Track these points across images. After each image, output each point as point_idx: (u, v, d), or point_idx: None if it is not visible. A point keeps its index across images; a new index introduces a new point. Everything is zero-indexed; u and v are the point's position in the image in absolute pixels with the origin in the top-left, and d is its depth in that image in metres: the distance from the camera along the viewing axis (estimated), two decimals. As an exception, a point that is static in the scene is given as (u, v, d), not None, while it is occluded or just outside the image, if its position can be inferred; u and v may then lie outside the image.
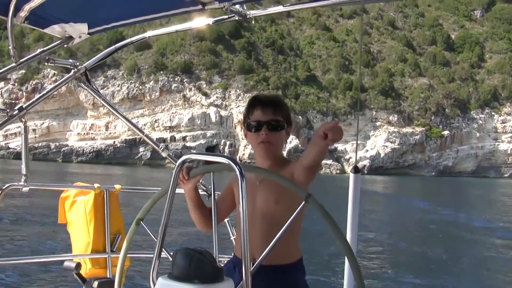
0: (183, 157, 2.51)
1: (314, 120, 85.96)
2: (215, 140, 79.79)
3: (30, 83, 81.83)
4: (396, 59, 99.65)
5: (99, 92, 4.51)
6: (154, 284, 2.39)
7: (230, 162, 2.35)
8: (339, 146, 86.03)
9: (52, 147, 77.15)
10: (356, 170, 3.60)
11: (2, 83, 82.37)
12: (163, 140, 78.36)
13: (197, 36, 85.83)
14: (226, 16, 3.89)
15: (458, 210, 36.50)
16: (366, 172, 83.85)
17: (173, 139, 78.90)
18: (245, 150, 79.77)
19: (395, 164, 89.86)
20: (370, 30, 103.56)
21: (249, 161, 79.19)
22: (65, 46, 4.02)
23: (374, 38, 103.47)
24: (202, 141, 78.82)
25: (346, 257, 2.45)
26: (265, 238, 2.91)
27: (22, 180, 4.08)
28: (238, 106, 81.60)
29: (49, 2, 3.22)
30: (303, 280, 3.08)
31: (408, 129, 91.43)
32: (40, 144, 77.68)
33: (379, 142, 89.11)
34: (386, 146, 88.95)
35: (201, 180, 3.51)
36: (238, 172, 2.29)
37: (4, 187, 4.10)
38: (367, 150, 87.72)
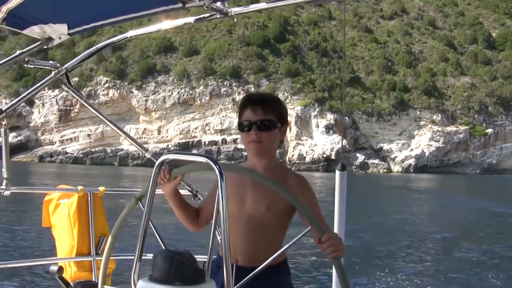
0: (162, 157, 2.50)
1: (360, 121, 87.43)
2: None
3: (84, 90, 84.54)
4: (437, 59, 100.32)
5: (80, 93, 4.49)
6: (136, 287, 2.35)
7: (209, 162, 2.34)
8: (385, 146, 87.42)
9: (108, 151, 79.85)
10: (342, 168, 3.77)
11: (57, 90, 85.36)
12: (215, 143, 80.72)
13: (244, 41, 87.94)
14: (207, 14, 3.90)
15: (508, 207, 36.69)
16: (412, 170, 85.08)
17: (224, 141, 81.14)
18: (294, 151, 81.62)
19: (440, 163, 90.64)
20: (411, 31, 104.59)
21: (298, 162, 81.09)
22: (44, 47, 3.96)
23: (415, 38, 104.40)
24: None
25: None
26: (249, 241, 2.96)
27: (3, 184, 4.05)
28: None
29: (27, 2, 3.16)
30: (288, 281, 3.07)
31: (451, 128, 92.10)
32: (96, 149, 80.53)
33: (424, 141, 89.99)
34: (431, 145, 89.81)
35: (185, 181, 3.25)
36: (217, 172, 2.28)
37: None
38: (412, 149, 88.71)
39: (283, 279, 3.02)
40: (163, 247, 2.58)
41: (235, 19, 3.97)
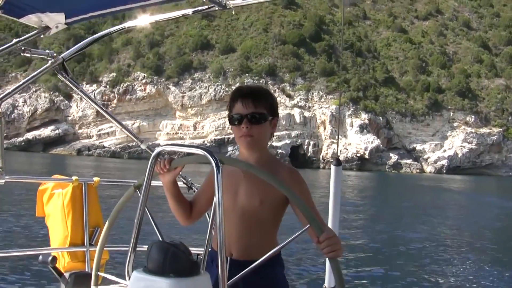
0: (158, 149, 2.52)
1: (393, 121, 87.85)
2: (299, 140, 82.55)
3: (121, 85, 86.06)
4: (472, 60, 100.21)
5: (77, 83, 4.45)
6: (130, 278, 2.35)
7: (206, 154, 2.34)
8: (418, 146, 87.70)
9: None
10: (337, 162, 3.80)
11: (95, 85, 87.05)
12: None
13: (279, 40, 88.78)
14: (205, 6, 3.93)
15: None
16: (444, 171, 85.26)
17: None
18: (328, 149, 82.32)
19: (472, 164, 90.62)
20: (445, 31, 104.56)
21: (332, 160, 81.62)
22: (41, 36, 3.93)
23: (449, 39, 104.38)
24: (287, 141, 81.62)
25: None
26: (243, 234, 2.95)
27: None
28: (321, 107, 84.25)
29: None
30: (281, 274, 3.06)
31: (485, 130, 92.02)
32: (133, 143, 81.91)
33: (457, 142, 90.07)
34: (464, 147, 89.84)
35: (181, 173, 3.44)
36: (214, 164, 2.28)
37: None
38: (445, 150, 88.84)
39: (276, 272, 3.01)
40: (160, 238, 2.61)
41: (233, 12, 3.94)
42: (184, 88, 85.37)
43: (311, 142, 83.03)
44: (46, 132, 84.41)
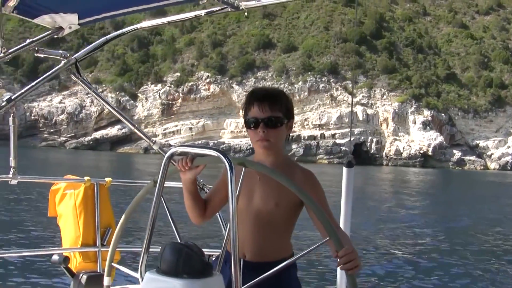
0: (171, 150, 2.50)
1: (456, 118, 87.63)
2: (362, 137, 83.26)
3: (186, 85, 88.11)
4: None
5: (89, 84, 4.45)
6: (142, 279, 2.35)
7: (219, 155, 2.34)
8: (481, 143, 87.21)
9: (210, 145, 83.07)
10: (349, 164, 3.77)
11: (160, 85, 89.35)
12: (313, 137, 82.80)
13: (340, 38, 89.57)
14: (218, 8, 3.91)
15: None
16: (509, 168, 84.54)
17: (322, 136, 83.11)
18: (391, 146, 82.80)
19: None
20: (507, 26, 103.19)
21: (395, 157, 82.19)
22: (55, 37, 3.94)
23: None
24: (350, 138, 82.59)
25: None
26: (257, 236, 2.93)
27: (11, 172, 4.06)
28: (384, 104, 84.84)
29: None
30: (295, 275, 3.05)
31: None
32: (199, 142, 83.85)
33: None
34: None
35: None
36: (227, 166, 2.27)
37: None
38: (509, 147, 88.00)
39: (290, 274, 2.99)
40: (178, 238, 2.62)
41: (245, 13, 3.92)
42: (247, 86, 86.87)
43: (374, 139, 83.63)
44: (113, 131, 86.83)
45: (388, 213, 25.51)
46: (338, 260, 2.41)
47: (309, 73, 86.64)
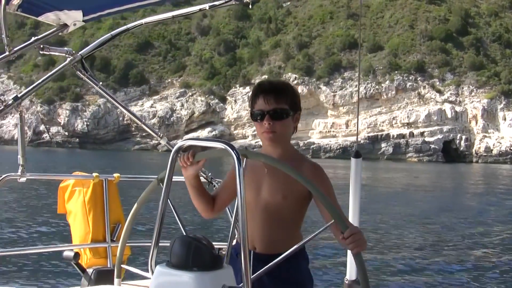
0: (179, 144, 2.52)
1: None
2: (451, 135, 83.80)
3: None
4: None
5: (96, 80, 4.40)
6: (153, 273, 2.37)
7: (227, 147, 2.34)
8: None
9: (301, 145, 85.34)
10: (357, 155, 3.69)
11: (248, 87, 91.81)
12: (402, 136, 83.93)
13: (426, 36, 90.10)
14: (223, 1, 3.91)
15: None
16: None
17: (411, 134, 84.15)
18: (480, 143, 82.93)
19: None
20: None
21: (485, 154, 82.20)
22: (60, 34, 3.94)
23: None
24: (440, 136, 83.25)
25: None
26: (266, 228, 2.95)
27: (19, 170, 4.07)
28: (472, 102, 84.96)
29: None
30: (306, 267, 3.06)
31: None
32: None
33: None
34: None
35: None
36: (235, 158, 2.27)
37: (0, 178, 4.07)
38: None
39: (301, 265, 3.01)
40: (184, 232, 2.60)
41: (250, 6, 3.96)
42: (334, 87, 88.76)
43: (463, 137, 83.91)
44: (204, 133, 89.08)
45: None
46: (345, 241, 2.47)
47: (396, 72, 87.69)
